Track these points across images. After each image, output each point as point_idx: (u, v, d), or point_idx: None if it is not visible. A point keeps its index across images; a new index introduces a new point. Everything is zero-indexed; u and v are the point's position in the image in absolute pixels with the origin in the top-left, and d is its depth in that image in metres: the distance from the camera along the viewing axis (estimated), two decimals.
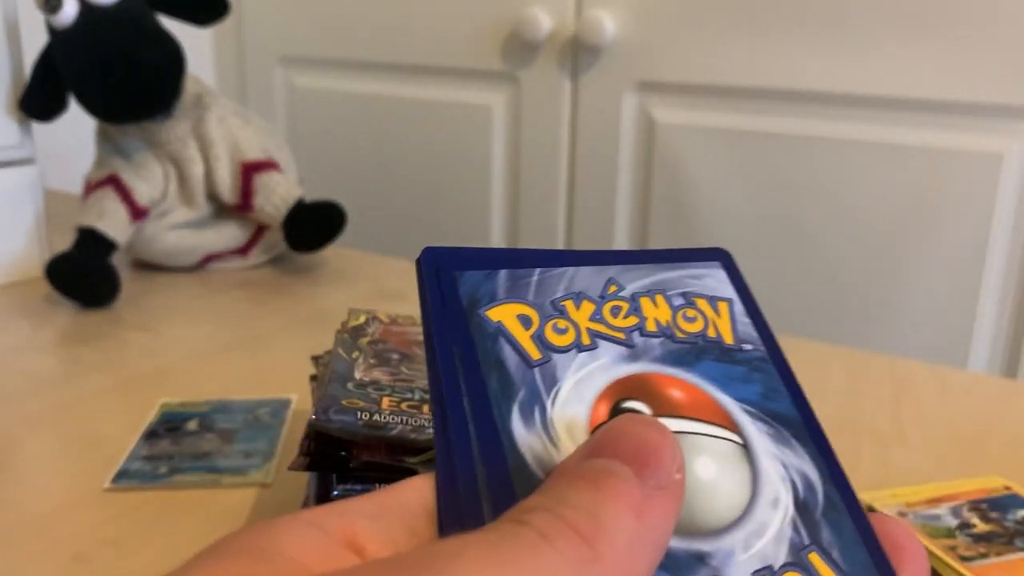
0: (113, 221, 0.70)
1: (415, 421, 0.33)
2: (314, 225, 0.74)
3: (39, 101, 0.71)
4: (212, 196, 0.75)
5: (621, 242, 1.15)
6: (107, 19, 0.66)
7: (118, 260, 0.71)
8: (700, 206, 1.08)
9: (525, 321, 0.23)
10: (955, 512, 0.39)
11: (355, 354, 0.39)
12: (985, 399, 0.55)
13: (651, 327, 0.24)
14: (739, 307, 0.26)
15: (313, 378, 0.42)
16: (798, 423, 0.24)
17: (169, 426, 0.48)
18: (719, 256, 0.27)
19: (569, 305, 0.24)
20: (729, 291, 0.26)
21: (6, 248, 0.72)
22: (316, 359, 0.43)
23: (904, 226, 0.97)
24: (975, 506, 0.40)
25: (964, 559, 0.36)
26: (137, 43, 0.66)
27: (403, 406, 0.34)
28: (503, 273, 0.24)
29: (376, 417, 0.33)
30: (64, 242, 0.70)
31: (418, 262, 0.24)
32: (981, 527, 0.38)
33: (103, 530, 0.39)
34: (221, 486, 0.42)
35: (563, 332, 0.23)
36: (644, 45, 1.08)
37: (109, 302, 0.67)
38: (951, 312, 0.97)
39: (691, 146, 1.07)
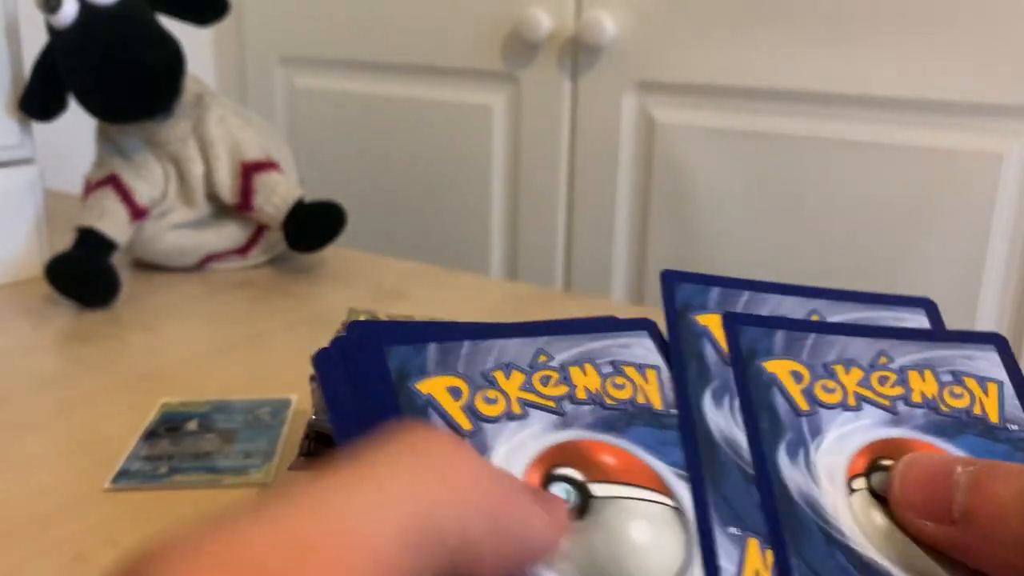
0: (113, 221, 0.70)
1: None
2: (314, 225, 0.74)
3: (39, 101, 0.71)
4: (212, 196, 0.75)
5: (621, 242, 1.15)
6: (107, 19, 0.66)
7: (118, 260, 0.70)
8: (700, 206, 1.08)
9: (454, 392, 0.24)
10: None
11: None
12: None
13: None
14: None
15: (313, 378, 0.42)
16: None
17: (169, 426, 0.48)
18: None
19: (497, 376, 0.25)
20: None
21: (6, 248, 0.72)
22: None
23: (904, 226, 0.97)
24: None
25: None
26: (137, 43, 0.66)
27: None
28: (432, 347, 0.25)
29: None
30: (64, 242, 0.70)
31: (335, 344, 0.25)
32: None
33: (103, 530, 0.39)
34: (221, 486, 0.42)
35: (492, 402, 0.24)
36: (644, 45, 1.08)
37: (109, 302, 0.67)
38: (951, 312, 0.96)
39: (691, 146, 1.07)
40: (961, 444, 0.24)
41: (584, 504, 0.22)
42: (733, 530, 0.22)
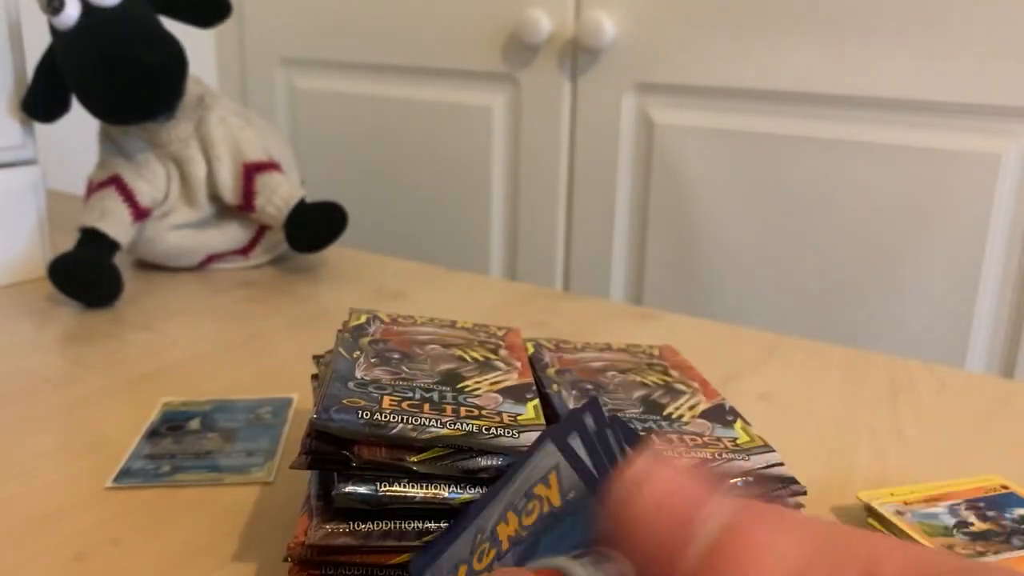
0: (115, 221, 0.70)
1: (415, 420, 0.33)
2: (315, 225, 0.75)
3: (41, 102, 0.71)
4: (214, 196, 0.75)
5: (620, 242, 1.15)
6: (109, 20, 0.66)
7: (120, 260, 0.71)
8: (699, 206, 1.09)
9: None
10: (953, 511, 0.39)
11: (356, 353, 0.39)
12: (983, 398, 0.55)
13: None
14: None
15: (314, 377, 0.42)
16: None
17: (171, 425, 0.48)
18: (550, 432, 0.26)
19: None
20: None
21: (9, 248, 0.72)
22: (317, 358, 0.43)
23: (903, 226, 0.97)
24: (973, 505, 0.40)
25: None
26: (139, 44, 0.67)
27: (404, 405, 0.34)
28: None
29: (377, 416, 0.33)
30: (67, 242, 0.70)
31: None
32: (979, 526, 0.38)
33: (105, 529, 0.39)
34: (223, 485, 0.43)
35: None
36: (643, 47, 1.08)
37: (111, 302, 0.68)
38: (949, 312, 0.97)
39: (690, 147, 1.08)
40: (543, 551, 0.24)
41: None
42: None
